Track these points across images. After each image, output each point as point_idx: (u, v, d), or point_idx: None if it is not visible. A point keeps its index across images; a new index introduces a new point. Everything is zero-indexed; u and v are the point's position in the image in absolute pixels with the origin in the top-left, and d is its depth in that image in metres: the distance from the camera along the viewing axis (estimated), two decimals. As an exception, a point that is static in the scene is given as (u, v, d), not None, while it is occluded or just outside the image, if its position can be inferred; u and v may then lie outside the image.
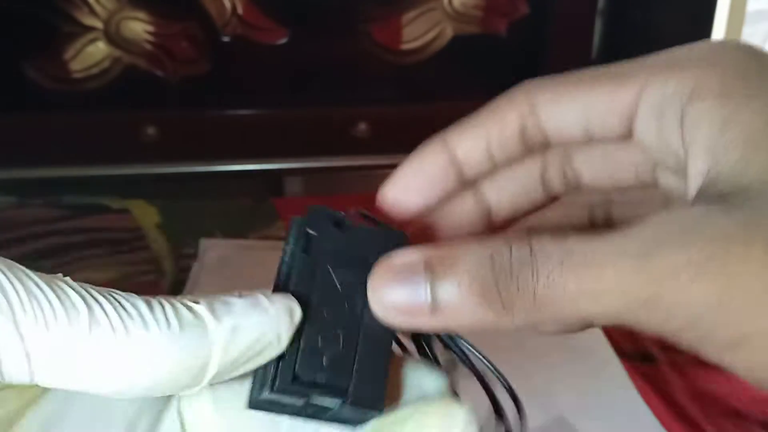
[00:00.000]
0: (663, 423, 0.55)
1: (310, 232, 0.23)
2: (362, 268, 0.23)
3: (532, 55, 0.95)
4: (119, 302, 0.19)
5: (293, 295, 0.22)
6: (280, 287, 0.22)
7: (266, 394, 0.22)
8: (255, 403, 0.22)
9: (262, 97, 0.91)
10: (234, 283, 0.24)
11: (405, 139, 1.15)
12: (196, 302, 0.20)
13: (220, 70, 0.88)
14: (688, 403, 0.58)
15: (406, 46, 0.92)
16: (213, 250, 0.75)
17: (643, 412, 0.56)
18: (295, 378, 0.21)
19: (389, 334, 0.23)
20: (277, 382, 0.21)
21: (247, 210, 0.87)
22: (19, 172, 0.88)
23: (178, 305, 0.20)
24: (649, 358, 0.63)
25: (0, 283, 0.18)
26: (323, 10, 0.89)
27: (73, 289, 0.19)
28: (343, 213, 0.24)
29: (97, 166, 0.90)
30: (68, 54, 0.84)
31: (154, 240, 0.79)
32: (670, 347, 0.66)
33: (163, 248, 0.78)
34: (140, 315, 0.19)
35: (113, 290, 0.20)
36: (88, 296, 0.19)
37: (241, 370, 0.21)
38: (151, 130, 0.88)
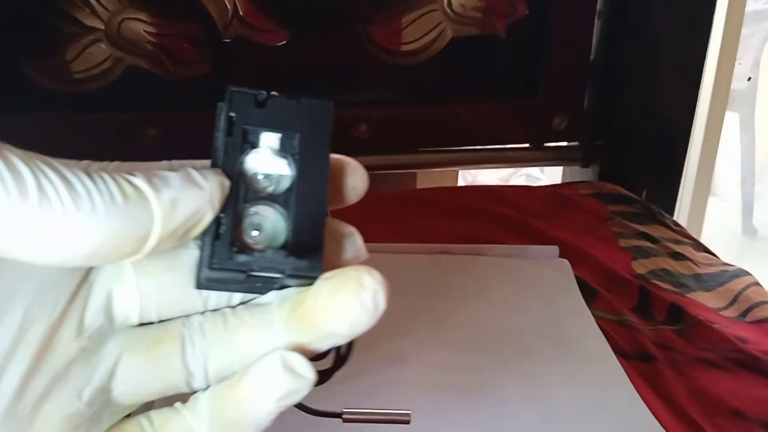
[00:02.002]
0: (662, 423, 0.56)
1: (232, 115, 0.24)
2: (288, 134, 0.24)
3: (532, 55, 0.95)
4: (64, 175, 0.20)
5: (223, 171, 0.23)
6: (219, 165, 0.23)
7: (207, 273, 0.22)
8: (200, 283, 0.23)
9: (262, 98, 0.91)
10: None
11: (405, 139, 1.17)
12: (134, 174, 0.21)
13: (221, 70, 0.88)
14: (688, 403, 0.58)
15: (405, 47, 0.92)
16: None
17: (642, 412, 0.57)
18: (231, 254, 0.22)
19: (322, 195, 0.23)
20: (215, 260, 0.22)
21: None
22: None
23: (120, 179, 0.20)
24: (649, 358, 0.63)
25: None
26: (323, 12, 0.89)
27: (21, 160, 0.19)
28: (263, 91, 0.24)
29: (98, 167, 0.91)
30: (69, 55, 0.84)
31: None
32: (670, 347, 0.66)
33: (164, 248, 0.78)
34: (86, 188, 0.20)
35: (54, 160, 0.20)
36: (35, 168, 0.19)
37: (178, 242, 0.22)
38: (152, 131, 0.88)
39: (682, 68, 0.91)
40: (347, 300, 0.22)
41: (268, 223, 0.23)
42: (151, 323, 0.23)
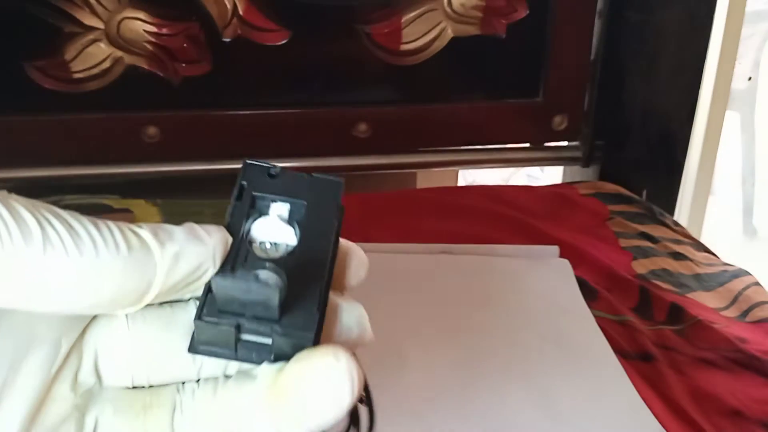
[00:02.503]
0: (663, 423, 0.56)
1: (243, 183, 0.24)
2: (297, 203, 0.24)
3: (532, 55, 0.95)
4: (69, 223, 0.20)
5: (227, 229, 0.23)
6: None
7: (199, 330, 0.22)
8: (193, 347, 0.22)
9: (262, 97, 0.91)
10: None
11: (405, 139, 1.17)
12: (140, 227, 0.21)
13: (221, 70, 0.88)
14: (688, 403, 0.58)
15: (405, 47, 0.92)
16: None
17: (642, 412, 0.56)
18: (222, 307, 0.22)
19: (324, 266, 0.23)
20: (205, 311, 0.22)
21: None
22: (19, 172, 0.89)
23: (125, 229, 0.21)
24: (649, 358, 0.63)
25: None
26: (323, 11, 0.89)
27: (26, 209, 0.19)
28: (276, 165, 0.25)
29: (97, 166, 0.91)
30: (69, 54, 0.84)
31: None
32: (670, 347, 0.66)
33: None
34: (90, 237, 0.20)
35: (58, 209, 0.20)
36: (40, 216, 0.19)
37: (177, 295, 0.22)
38: (152, 131, 0.88)
39: (682, 68, 0.91)
40: (314, 381, 0.21)
41: None
42: (143, 387, 0.23)
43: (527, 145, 1.03)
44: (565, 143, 1.02)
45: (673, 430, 0.56)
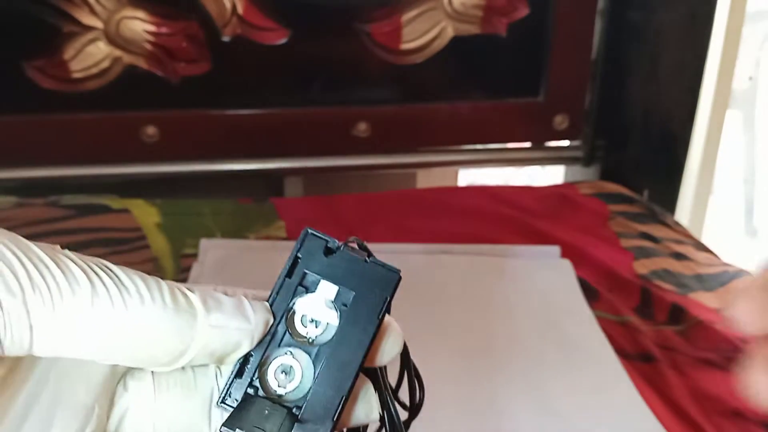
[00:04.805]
0: (663, 423, 0.55)
1: (299, 256, 0.24)
2: (346, 289, 0.24)
3: (532, 55, 0.95)
4: (118, 277, 0.20)
5: (271, 304, 0.23)
6: (268, 300, 0.24)
7: (219, 407, 0.23)
8: (222, 429, 0.23)
9: (262, 97, 0.91)
10: (234, 283, 0.25)
11: (405, 139, 1.17)
12: (191, 291, 0.22)
13: (220, 70, 0.88)
14: (688, 403, 0.58)
15: (405, 46, 0.92)
16: (213, 250, 0.75)
17: (643, 412, 0.56)
18: (247, 395, 0.23)
19: (355, 363, 0.23)
20: (228, 399, 0.23)
21: (248, 210, 0.87)
22: (19, 172, 0.88)
23: (175, 289, 0.21)
24: (650, 359, 0.63)
25: (9, 261, 0.19)
26: (323, 10, 0.89)
27: (75, 263, 0.20)
28: (336, 240, 0.24)
29: (97, 166, 0.90)
30: (68, 54, 0.84)
31: (154, 240, 0.79)
32: (671, 347, 0.66)
33: (163, 248, 0.78)
34: (138, 291, 0.20)
35: (110, 264, 0.21)
36: (89, 270, 0.20)
37: (208, 362, 0.22)
38: (151, 130, 0.88)
39: (683, 67, 0.91)
40: None
41: (298, 369, 0.23)
42: None
43: (528, 144, 1.03)
44: (566, 143, 1.02)
45: (673, 430, 0.55)
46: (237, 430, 0.22)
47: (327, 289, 0.24)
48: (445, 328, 0.66)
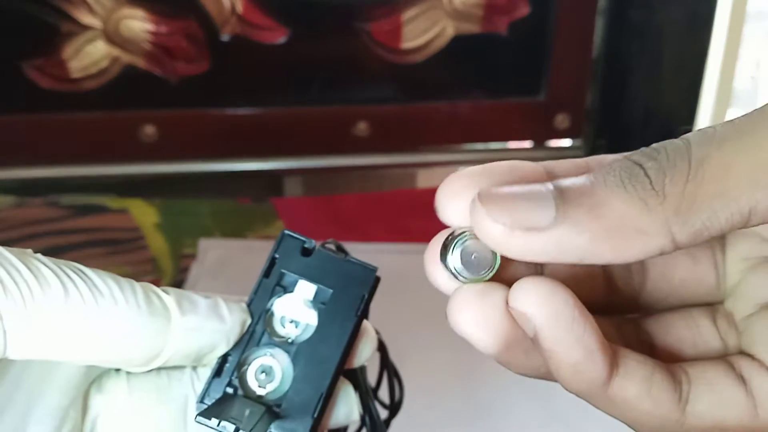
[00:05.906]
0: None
1: (276, 256, 0.24)
2: (324, 288, 0.24)
3: (534, 54, 0.95)
4: (90, 279, 0.20)
5: (249, 306, 0.24)
6: (246, 302, 0.24)
7: (197, 406, 0.23)
8: (198, 418, 0.23)
9: (261, 97, 0.90)
10: (233, 283, 0.25)
11: (405, 138, 1.16)
12: (166, 293, 0.22)
13: (220, 69, 0.88)
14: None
15: (406, 45, 0.91)
16: (212, 250, 0.75)
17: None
18: (225, 394, 0.23)
19: (334, 360, 0.23)
20: (207, 399, 0.23)
21: (247, 210, 0.87)
22: (19, 172, 0.88)
23: (149, 291, 0.21)
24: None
25: None
26: (323, 9, 0.89)
27: (46, 266, 0.20)
28: (313, 241, 0.25)
29: (96, 166, 0.90)
30: (67, 53, 0.84)
31: (153, 239, 0.79)
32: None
33: (162, 248, 0.78)
34: (111, 293, 0.20)
35: (83, 266, 0.21)
36: (60, 272, 0.20)
37: (184, 363, 0.22)
38: (150, 130, 0.88)
39: (684, 66, 0.90)
40: None
41: (278, 369, 0.23)
42: None
43: (529, 143, 1.03)
44: (567, 142, 1.02)
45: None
46: (213, 419, 0.22)
47: (305, 289, 0.24)
48: (445, 328, 0.65)
